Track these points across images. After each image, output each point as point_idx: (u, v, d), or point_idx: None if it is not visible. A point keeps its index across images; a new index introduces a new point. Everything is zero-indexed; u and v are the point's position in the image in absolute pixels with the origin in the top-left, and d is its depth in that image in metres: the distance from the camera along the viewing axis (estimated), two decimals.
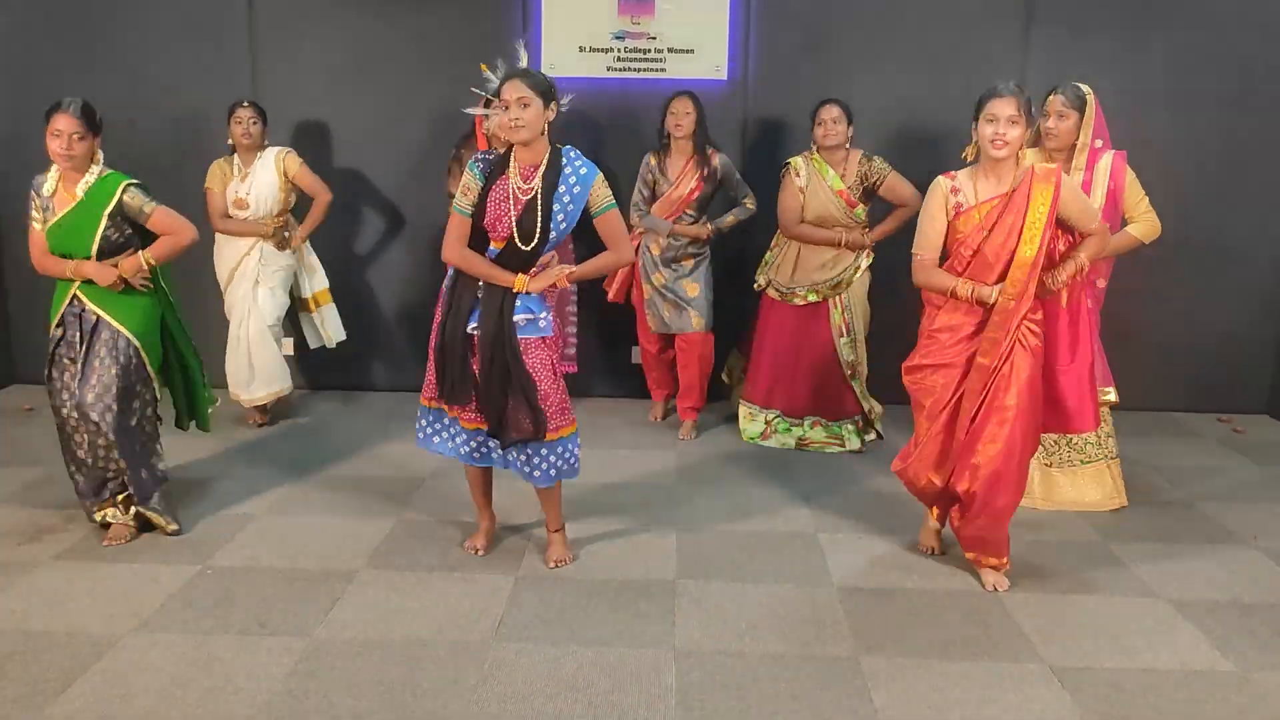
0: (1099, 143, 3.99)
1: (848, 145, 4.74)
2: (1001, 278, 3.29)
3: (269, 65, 5.59)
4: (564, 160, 3.30)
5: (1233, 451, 5.11)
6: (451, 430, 3.52)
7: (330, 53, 5.59)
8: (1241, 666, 3.00)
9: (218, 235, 4.97)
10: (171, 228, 3.62)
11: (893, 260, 4.61)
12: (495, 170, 3.31)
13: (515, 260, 3.30)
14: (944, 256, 3.45)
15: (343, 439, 5.04)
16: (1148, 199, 4.04)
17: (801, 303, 4.87)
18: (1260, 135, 5.49)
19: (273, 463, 4.59)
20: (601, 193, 3.32)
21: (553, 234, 3.29)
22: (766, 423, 5.02)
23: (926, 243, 3.41)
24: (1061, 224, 3.38)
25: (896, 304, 4.69)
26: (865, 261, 4.84)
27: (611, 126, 5.56)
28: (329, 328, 5.33)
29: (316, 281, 5.26)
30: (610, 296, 5.26)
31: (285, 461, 4.64)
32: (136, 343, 3.62)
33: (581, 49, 5.54)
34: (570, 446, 3.46)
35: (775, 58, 5.52)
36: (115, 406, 3.56)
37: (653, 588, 3.44)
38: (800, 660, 2.99)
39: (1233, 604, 3.40)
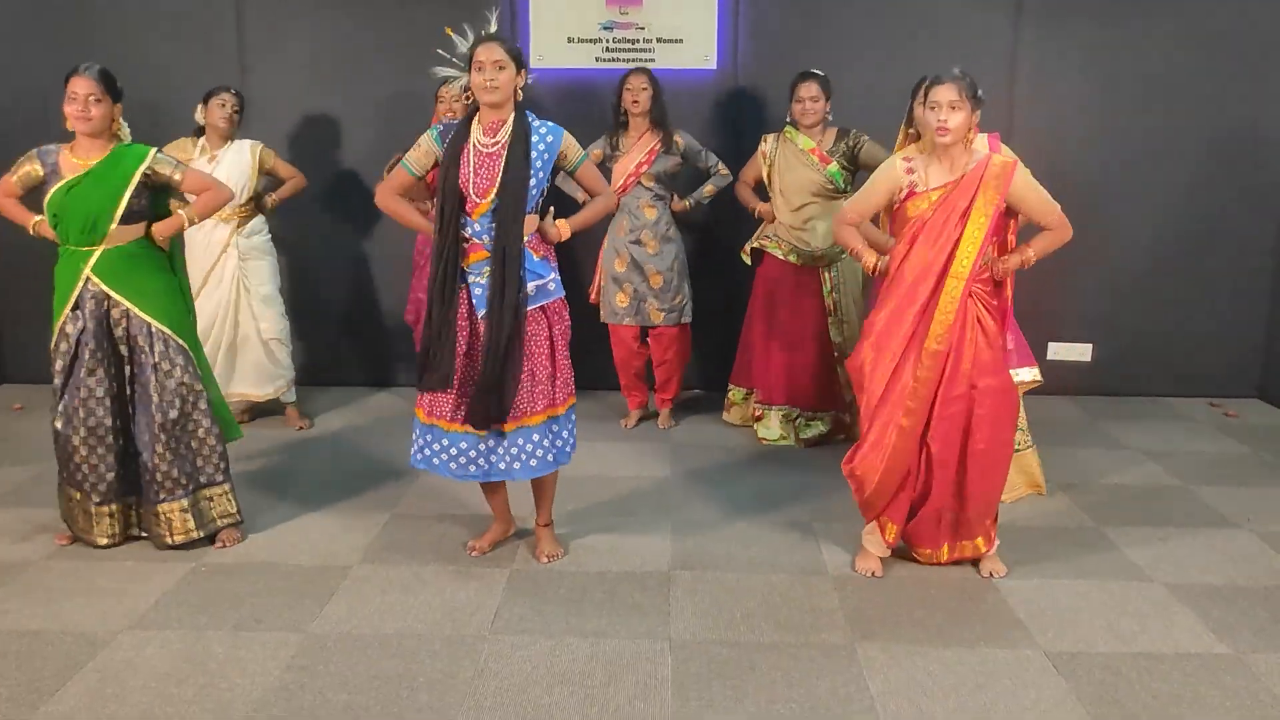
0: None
1: (827, 119, 4.71)
2: (946, 263, 3.26)
3: (256, 61, 5.56)
4: (529, 119, 3.30)
5: (1225, 435, 5.12)
6: (445, 444, 3.36)
7: (317, 48, 5.56)
8: (1236, 649, 3.01)
9: (187, 235, 4.75)
10: (207, 184, 3.55)
11: None
12: (456, 136, 3.27)
13: (494, 229, 3.22)
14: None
15: (335, 434, 5.02)
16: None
17: (781, 257, 4.78)
18: (1248, 119, 5.50)
19: (265, 459, 4.57)
20: (573, 146, 3.35)
21: (533, 185, 3.24)
22: (754, 409, 4.99)
23: (859, 207, 3.49)
24: (1015, 214, 3.37)
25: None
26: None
27: (600, 117, 5.53)
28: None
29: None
30: (593, 299, 5.13)
31: (278, 457, 4.62)
32: (178, 339, 3.48)
33: (570, 40, 5.52)
34: (572, 421, 3.48)
35: (764, 46, 5.51)
36: (173, 446, 3.48)
37: (647, 579, 3.44)
38: (796, 649, 2.99)
39: (1227, 587, 3.41)
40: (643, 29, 5.50)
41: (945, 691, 2.78)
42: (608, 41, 5.52)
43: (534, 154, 3.25)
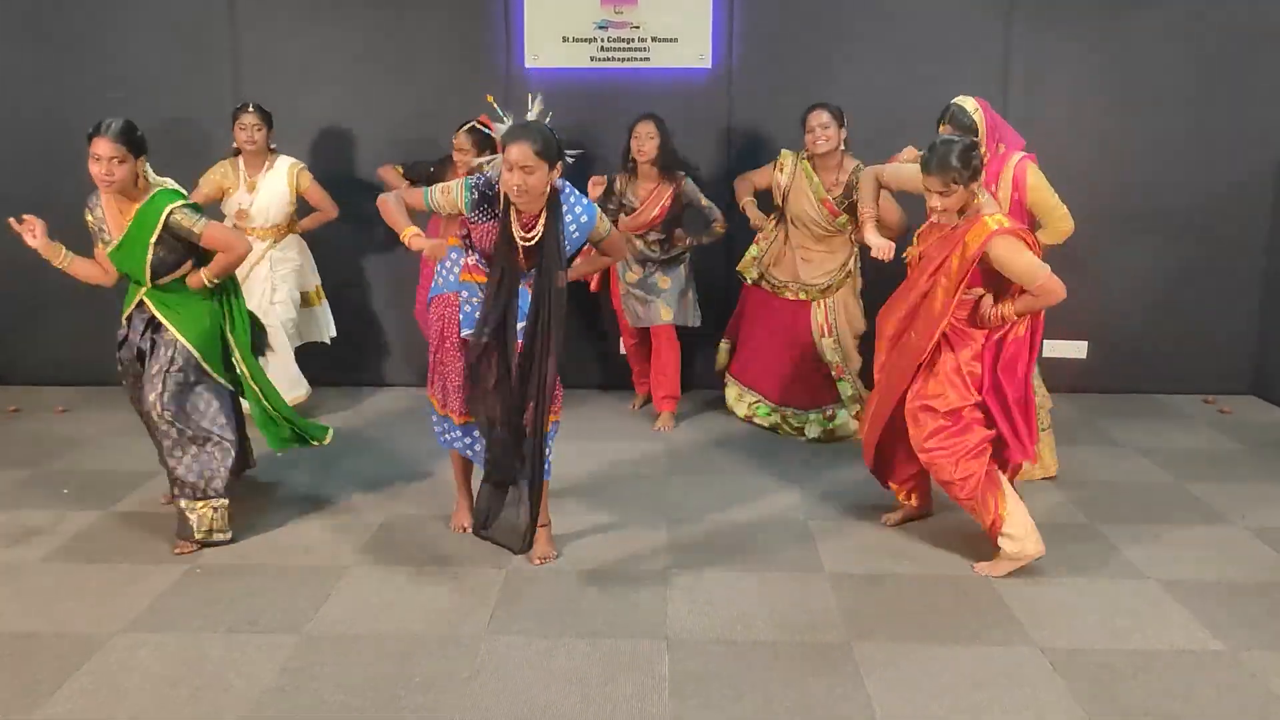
0: (1001, 147, 3.90)
1: (843, 149, 4.69)
2: (923, 303, 3.44)
3: (250, 68, 5.55)
4: (563, 203, 3.28)
5: (1219, 432, 5.13)
6: (460, 435, 3.59)
7: (312, 51, 5.54)
8: (1231, 646, 3.01)
9: None
10: (224, 244, 3.58)
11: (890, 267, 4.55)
12: (497, 213, 3.27)
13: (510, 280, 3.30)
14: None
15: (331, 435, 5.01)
16: (1057, 199, 3.93)
17: (792, 298, 4.85)
18: (1239, 118, 5.51)
19: (260, 460, 4.56)
20: (603, 226, 3.43)
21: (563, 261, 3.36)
22: (749, 406, 5.04)
23: (896, 177, 3.85)
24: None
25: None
26: (852, 262, 4.83)
27: (595, 117, 5.53)
28: (324, 323, 5.33)
29: (316, 277, 5.26)
30: (593, 287, 5.27)
31: (273, 458, 4.61)
32: (195, 352, 3.59)
33: (564, 39, 5.52)
34: (551, 441, 3.51)
35: (759, 45, 5.50)
36: (172, 406, 3.56)
37: (644, 578, 3.44)
38: (793, 647, 3.00)
39: (1222, 584, 3.42)
40: (637, 28, 5.49)
41: (942, 690, 2.78)
42: (603, 40, 5.51)
43: (566, 240, 3.29)
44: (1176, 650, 2.99)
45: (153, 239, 3.46)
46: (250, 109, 4.80)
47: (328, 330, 5.36)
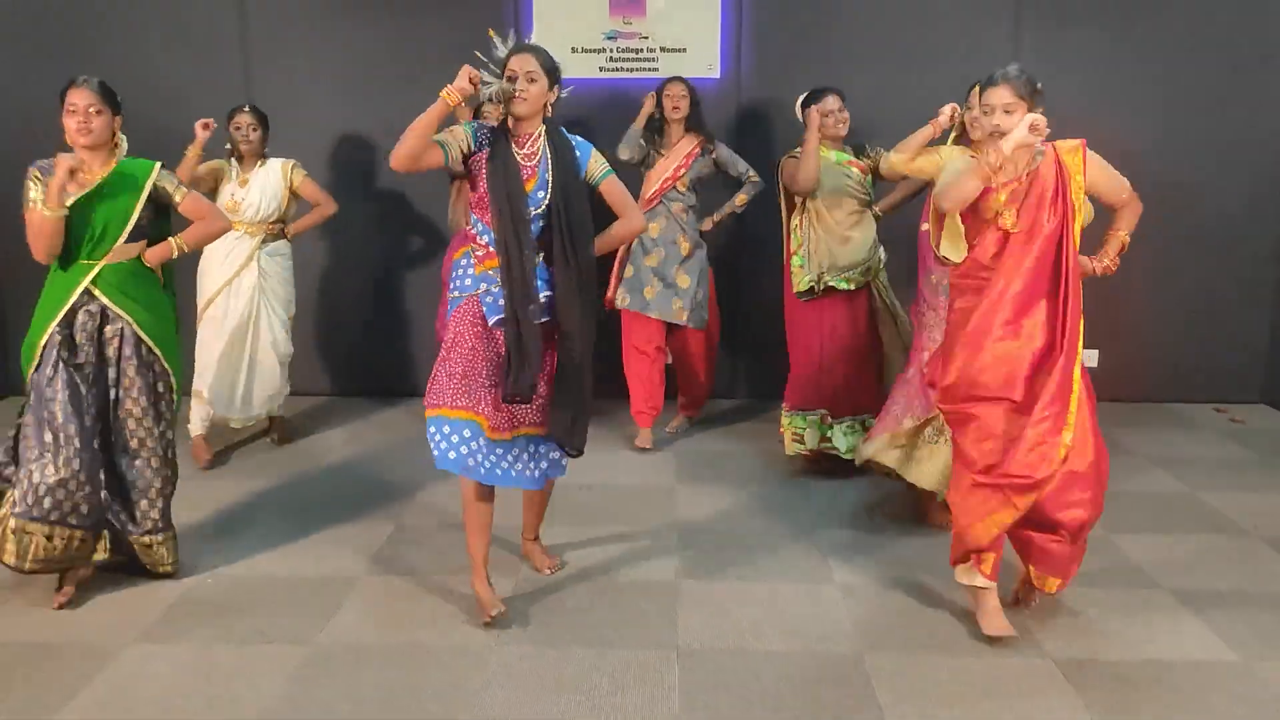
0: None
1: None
2: (1038, 258, 3.01)
3: (262, 73, 5.59)
4: (559, 132, 3.25)
5: (1231, 441, 5.11)
6: (471, 442, 3.14)
7: (322, 60, 5.58)
8: (1245, 656, 3.00)
9: (208, 246, 4.57)
10: (203, 213, 3.48)
11: (905, 260, 4.53)
12: (499, 146, 3.16)
13: (528, 257, 3.12)
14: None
15: (339, 445, 5.03)
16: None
17: (846, 287, 4.54)
18: (1252, 124, 5.50)
19: (268, 470, 4.58)
20: (599, 160, 3.28)
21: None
22: (816, 430, 4.59)
23: (923, 161, 3.68)
24: (1093, 196, 3.19)
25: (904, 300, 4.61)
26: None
27: (605, 127, 5.54)
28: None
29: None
30: (608, 297, 5.18)
31: (281, 469, 4.63)
32: (159, 351, 3.38)
33: (574, 49, 5.54)
34: None
35: (767, 55, 5.52)
36: (156, 430, 3.39)
37: (654, 588, 3.44)
38: (804, 658, 2.99)
39: (1235, 594, 3.40)
40: (646, 38, 5.51)
41: (953, 700, 2.77)
42: (611, 51, 5.53)
43: (574, 154, 3.22)
44: (1190, 661, 2.98)
45: (143, 195, 3.30)
46: (246, 109, 4.80)
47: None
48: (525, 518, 3.58)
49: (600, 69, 5.55)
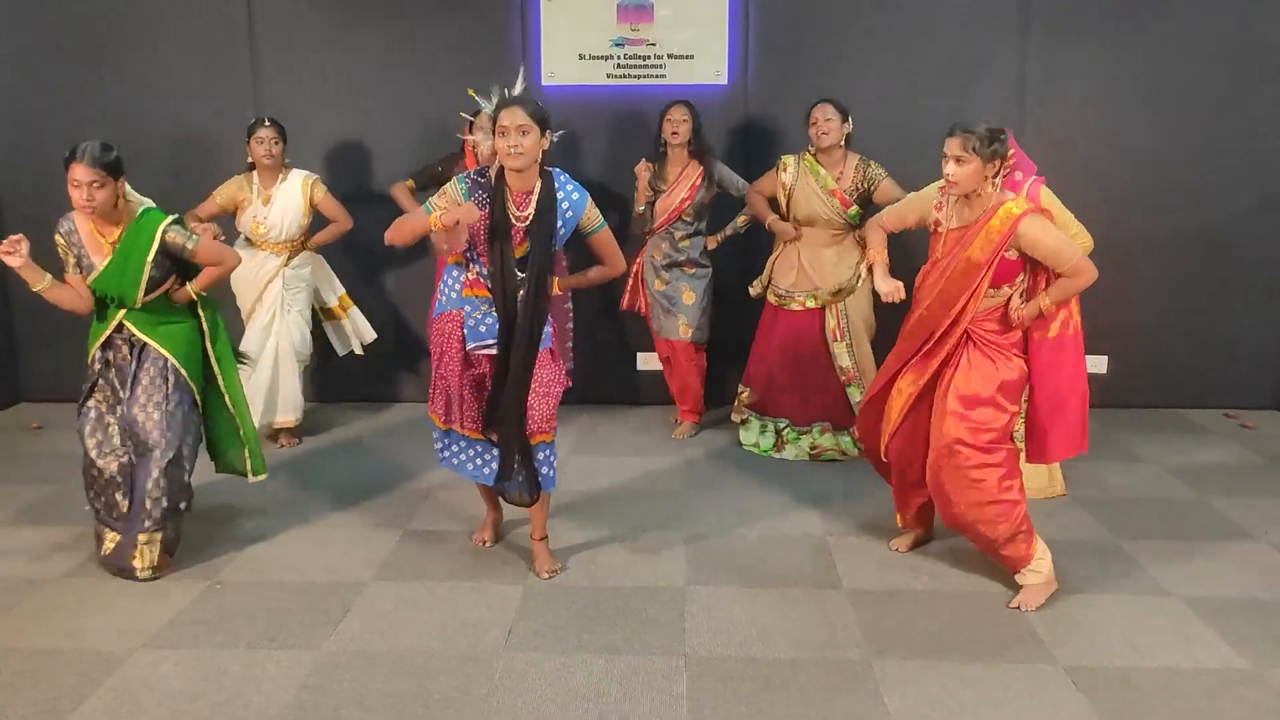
0: (1019, 175, 3.73)
1: (844, 145, 4.70)
2: (947, 306, 3.32)
3: (271, 82, 5.60)
4: (556, 185, 3.36)
5: (1242, 447, 5.08)
6: (453, 445, 3.64)
7: (331, 68, 5.59)
8: (1257, 664, 2.98)
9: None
10: (216, 258, 3.59)
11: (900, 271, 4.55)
12: (496, 201, 3.31)
13: (509, 280, 3.33)
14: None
15: (347, 451, 5.04)
16: (1072, 216, 3.82)
17: (799, 308, 4.81)
18: (1260, 131, 5.48)
19: (278, 476, 4.58)
20: (593, 215, 3.45)
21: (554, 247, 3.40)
22: (778, 433, 4.93)
23: (892, 218, 3.61)
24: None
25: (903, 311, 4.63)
26: (862, 266, 4.79)
27: (612, 134, 5.56)
28: (361, 329, 5.32)
29: (337, 287, 5.27)
30: (624, 304, 5.28)
31: (291, 474, 4.63)
32: (180, 367, 3.56)
33: (581, 56, 5.55)
34: (555, 454, 3.55)
35: (775, 62, 5.52)
36: (167, 427, 3.52)
37: (662, 594, 3.43)
38: (812, 665, 2.98)
39: (1246, 601, 3.38)
40: (654, 45, 5.52)
41: (963, 707, 2.76)
42: (619, 58, 5.54)
43: (558, 221, 3.36)
44: (1201, 668, 2.96)
45: (149, 257, 3.44)
46: (267, 123, 4.84)
47: (358, 339, 5.33)
48: (531, 516, 3.62)
49: (608, 76, 5.55)
